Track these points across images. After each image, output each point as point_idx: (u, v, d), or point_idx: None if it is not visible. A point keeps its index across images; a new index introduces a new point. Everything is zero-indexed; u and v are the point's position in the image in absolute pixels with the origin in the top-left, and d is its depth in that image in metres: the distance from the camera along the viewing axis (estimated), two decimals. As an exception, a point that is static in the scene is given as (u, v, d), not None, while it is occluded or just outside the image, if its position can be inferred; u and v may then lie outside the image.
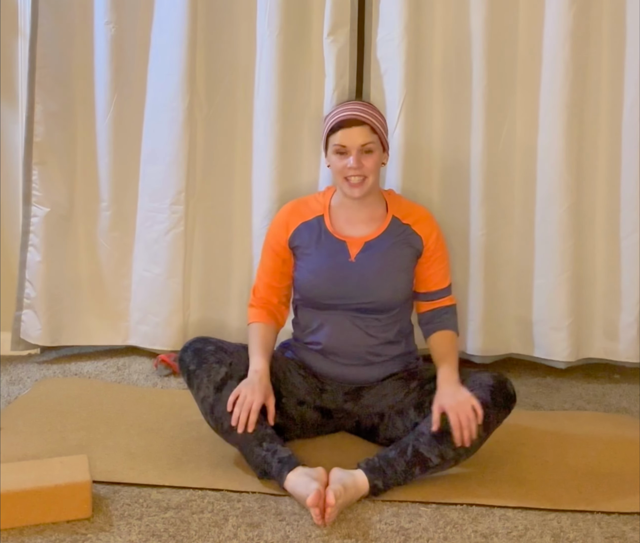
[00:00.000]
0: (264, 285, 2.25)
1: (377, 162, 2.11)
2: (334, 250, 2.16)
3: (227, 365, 2.03)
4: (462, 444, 1.88)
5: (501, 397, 1.97)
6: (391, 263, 2.15)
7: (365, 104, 2.16)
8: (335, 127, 2.09)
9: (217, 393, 1.98)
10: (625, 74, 2.71)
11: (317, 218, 2.20)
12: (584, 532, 1.75)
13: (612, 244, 2.80)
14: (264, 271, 2.26)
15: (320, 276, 2.15)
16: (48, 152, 2.83)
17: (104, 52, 2.79)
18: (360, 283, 2.13)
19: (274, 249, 2.23)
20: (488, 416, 1.92)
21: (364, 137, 2.07)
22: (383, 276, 2.14)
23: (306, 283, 2.18)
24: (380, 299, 2.14)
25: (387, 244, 2.15)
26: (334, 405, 2.19)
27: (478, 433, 1.90)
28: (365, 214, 2.19)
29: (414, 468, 1.90)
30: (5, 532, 1.67)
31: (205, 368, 2.02)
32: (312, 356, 2.20)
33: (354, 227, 2.18)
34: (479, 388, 1.97)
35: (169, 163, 2.80)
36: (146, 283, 2.89)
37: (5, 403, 2.48)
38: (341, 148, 2.09)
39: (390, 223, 2.18)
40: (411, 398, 2.10)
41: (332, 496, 1.74)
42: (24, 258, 2.87)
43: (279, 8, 2.68)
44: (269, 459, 1.91)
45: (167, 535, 1.69)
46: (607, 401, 2.67)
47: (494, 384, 1.98)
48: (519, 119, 2.76)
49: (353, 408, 2.18)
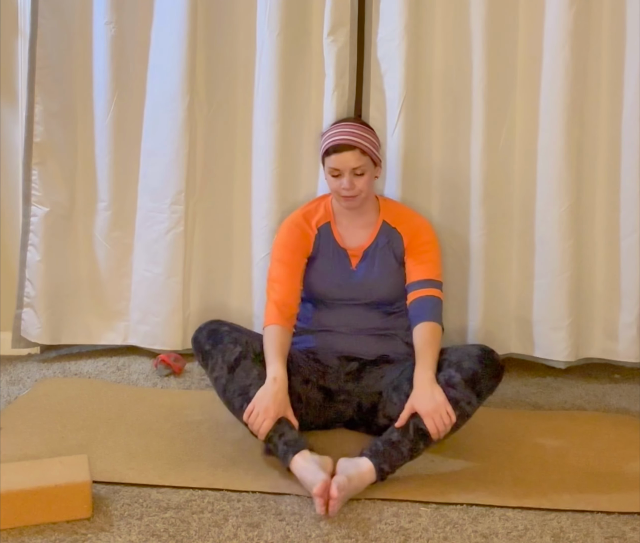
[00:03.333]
0: (288, 291, 2.27)
1: (368, 182, 2.27)
2: (337, 258, 2.34)
3: (243, 344, 2.10)
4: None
5: (490, 366, 2.07)
6: (384, 265, 2.33)
7: (357, 125, 2.31)
8: (329, 150, 2.26)
9: (230, 374, 2.05)
10: (625, 74, 2.70)
11: (327, 223, 2.37)
12: (584, 532, 1.75)
13: (612, 244, 2.80)
14: (287, 276, 2.28)
15: (326, 281, 2.33)
16: (48, 152, 2.84)
17: (104, 52, 2.79)
18: (362, 286, 2.32)
19: (300, 250, 2.32)
20: (480, 384, 2.02)
21: (354, 161, 2.23)
22: (380, 278, 2.32)
23: (313, 284, 2.33)
24: (380, 297, 2.32)
25: (379, 248, 2.34)
26: (336, 385, 2.25)
27: (472, 402, 2.00)
28: (361, 220, 2.36)
29: (418, 444, 1.95)
30: (5, 532, 1.67)
31: (221, 349, 2.10)
32: (315, 338, 2.31)
33: (353, 234, 2.36)
34: (468, 359, 2.05)
35: (169, 163, 2.80)
36: (146, 282, 2.89)
37: (5, 403, 2.48)
38: (334, 171, 2.26)
39: (380, 228, 2.36)
40: (405, 374, 2.16)
41: (335, 488, 1.77)
42: (24, 257, 2.88)
43: (279, 8, 2.68)
44: (275, 440, 1.96)
45: (167, 535, 1.69)
46: (607, 401, 2.67)
47: (482, 354, 2.08)
48: (519, 119, 2.76)
49: (354, 389, 2.24)
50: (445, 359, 2.09)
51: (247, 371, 2.05)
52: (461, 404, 1.98)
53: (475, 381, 2.01)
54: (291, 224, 2.37)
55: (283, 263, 2.30)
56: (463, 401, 1.98)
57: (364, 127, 2.33)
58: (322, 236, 2.35)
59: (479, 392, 2.02)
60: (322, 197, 2.47)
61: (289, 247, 2.32)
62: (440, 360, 2.10)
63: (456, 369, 2.02)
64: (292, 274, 2.29)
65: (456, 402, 1.97)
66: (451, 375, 2.01)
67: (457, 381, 2.00)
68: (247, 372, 2.05)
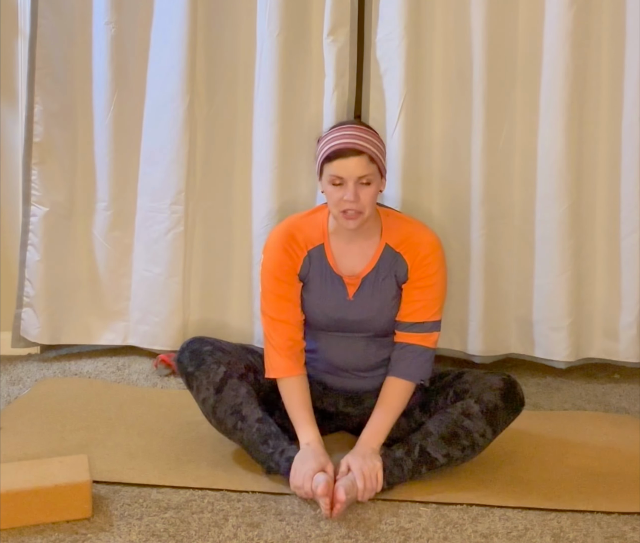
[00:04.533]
0: (293, 327, 2.05)
1: (374, 195, 1.96)
2: (333, 287, 2.06)
3: (226, 364, 2.02)
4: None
5: (510, 400, 1.98)
6: (384, 296, 2.06)
7: (363, 129, 1.98)
8: (331, 155, 1.93)
9: (218, 394, 1.98)
10: (625, 74, 2.70)
11: (320, 246, 2.07)
12: (584, 532, 1.75)
13: (612, 244, 2.80)
14: (288, 310, 2.05)
15: (320, 310, 2.08)
16: (47, 152, 2.84)
17: (104, 52, 2.79)
18: (358, 318, 2.07)
19: (293, 278, 2.06)
20: (497, 418, 1.94)
21: (361, 169, 1.91)
22: (378, 311, 2.06)
23: (305, 312, 2.10)
24: (376, 329, 2.09)
25: (379, 277, 2.05)
26: (334, 408, 2.19)
27: (486, 435, 1.93)
28: (361, 242, 2.06)
29: (420, 466, 1.91)
30: (5, 532, 1.67)
31: (204, 370, 2.01)
32: (311, 370, 2.14)
33: (351, 259, 2.06)
34: (489, 391, 1.97)
35: (168, 163, 2.80)
36: (146, 282, 2.89)
37: (5, 403, 2.48)
38: (337, 179, 1.93)
39: (382, 254, 2.05)
40: (415, 398, 2.09)
41: (342, 492, 1.75)
42: (24, 257, 2.88)
43: (279, 8, 2.68)
44: (276, 458, 1.91)
45: (167, 535, 1.69)
46: (607, 401, 2.67)
47: (504, 387, 1.99)
48: (519, 119, 2.76)
49: (354, 411, 2.17)
50: (467, 391, 2.00)
51: (235, 390, 1.99)
52: (474, 435, 1.92)
53: (493, 415, 1.94)
54: (278, 247, 2.06)
55: (279, 296, 2.05)
56: (476, 432, 1.93)
57: (370, 131, 2.00)
58: (313, 260, 2.06)
59: (495, 426, 1.94)
60: (318, 209, 2.16)
61: (282, 278, 2.05)
62: (460, 390, 2.01)
63: (476, 400, 1.95)
64: (292, 307, 2.06)
65: (468, 433, 1.92)
66: (469, 405, 1.94)
67: (474, 412, 1.93)
68: (235, 390, 1.99)
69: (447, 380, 2.10)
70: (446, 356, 2.90)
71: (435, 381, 2.11)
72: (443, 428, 1.93)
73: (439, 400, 2.05)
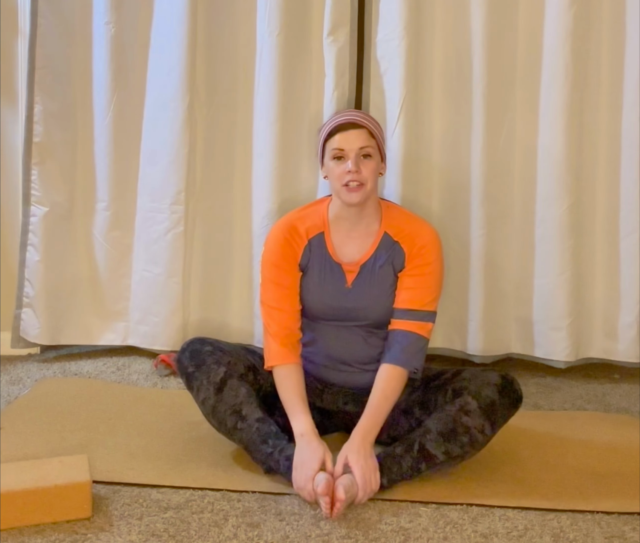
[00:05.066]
0: (289, 316, 2.08)
1: (375, 170, 2.04)
2: (332, 274, 2.10)
3: (226, 364, 2.03)
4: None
5: (508, 395, 1.98)
6: (381, 284, 2.09)
7: (362, 112, 2.16)
8: (332, 131, 2.03)
9: (218, 394, 1.99)
10: (625, 74, 2.71)
11: (320, 234, 2.12)
12: (584, 532, 1.75)
13: (611, 244, 2.80)
14: (285, 298, 2.09)
15: (318, 298, 2.11)
16: (47, 152, 2.84)
17: (104, 52, 2.79)
18: (356, 306, 2.10)
19: (293, 267, 2.10)
20: (495, 413, 1.95)
21: (362, 140, 2.01)
22: (376, 299, 2.09)
23: (304, 300, 2.12)
24: (373, 318, 2.11)
25: (377, 264, 2.09)
26: (334, 406, 2.20)
27: (485, 430, 1.93)
28: (361, 229, 2.11)
29: (420, 464, 1.91)
30: (5, 532, 1.67)
31: (204, 370, 2.02)
32: (310, 365, 2.16)
33: (350, 246, 2.11)
34: (487, 387, 1.97)
35: (168, 163, 2.80)
36: (146, 282, 2.89)
37: (5, 403, 2.48)
38: (339, 152, 2.01)
39: (380, 240, 2.10)
40: (416, 396, 2.11)
41: (342, 490, 1.75)
42: (24, 257, 2.88)
43: (279, 8, 2.68)
44: (276, 456, 1.91)
45: (167, 535, 1.69)
46: (607, 401, 2.67)
47: (501, 382, 1.99)
48: (519, 119, 2.76)
49: (354, 409, 2.16)
50: (465, 388, 2.00)
51: (235, 390, 2.00)
52: (472, 431, 1.92)
53: (491, 411, 1.94)
54: (279, 237, 2.11)
55: (278, 284, 2.09)
56: (475, 429, 1.93)
57: (370, 116, 2.17)
58: (313, 248, 2.10)
59: (493, 421, 1.95)
60: (319, 201, 2.24)
61: (282, 266, 2.09)
62: (458, 388, 2.01)
63: (473, 396, 1.95)
64: (290, 295, 2.09)
65: (467, 429, 1.92)
66: (467, 402, 1.95)
67: (472, 409, 1.93)
68: (235, 390, 2.00)
69: (445, 378, 2.11)
70: (446, 355, 2.90)
71: (434, 379, 2.12)
72: (442, 425, 1.94)
73: (438, 398, 2.06)
